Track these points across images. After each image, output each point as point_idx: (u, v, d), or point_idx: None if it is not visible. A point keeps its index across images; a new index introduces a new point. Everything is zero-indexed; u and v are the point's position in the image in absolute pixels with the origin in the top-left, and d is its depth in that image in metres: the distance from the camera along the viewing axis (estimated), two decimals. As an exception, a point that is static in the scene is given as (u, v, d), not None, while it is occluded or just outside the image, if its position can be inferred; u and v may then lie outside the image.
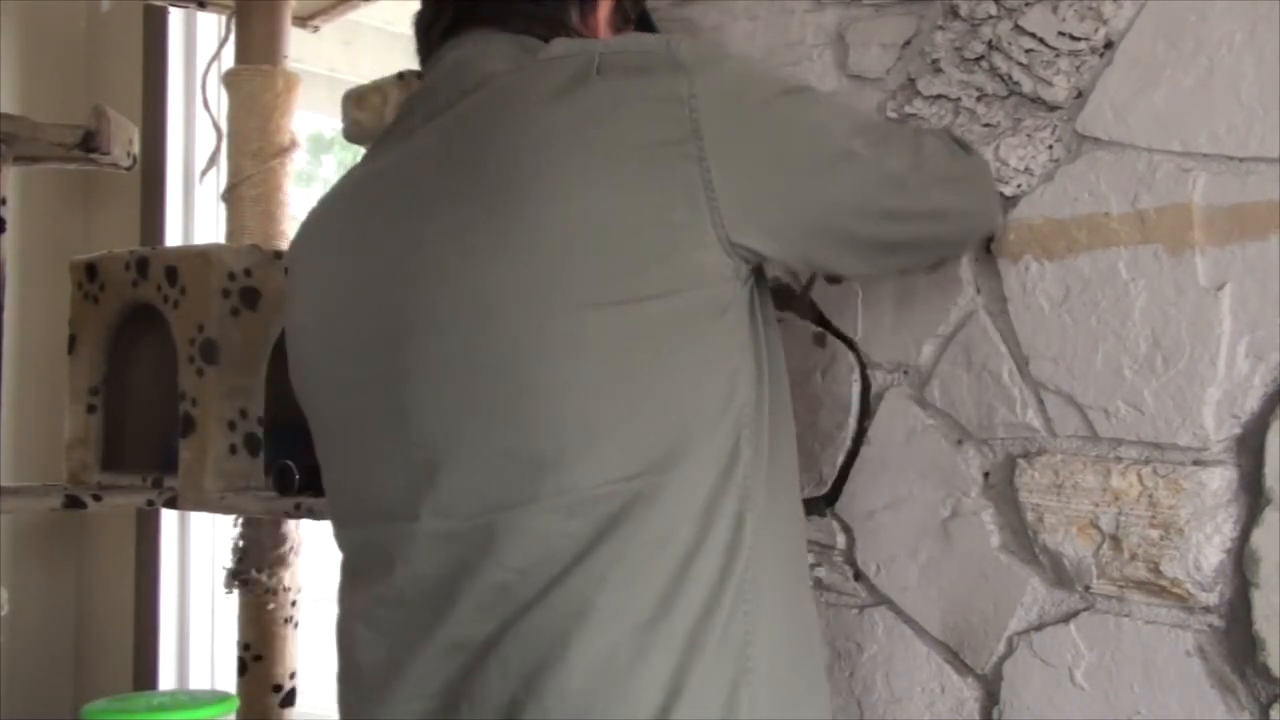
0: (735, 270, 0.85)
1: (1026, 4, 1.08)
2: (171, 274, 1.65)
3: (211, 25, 2.52)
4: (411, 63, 1.00)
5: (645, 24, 1.02)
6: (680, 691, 0.80)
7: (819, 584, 1.22)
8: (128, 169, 1.87)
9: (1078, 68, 1.05)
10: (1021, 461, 1.07)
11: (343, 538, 0.96)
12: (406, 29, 1.01)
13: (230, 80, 1.99)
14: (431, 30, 0.96)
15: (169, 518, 2.50)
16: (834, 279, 1.19)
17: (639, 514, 0.81)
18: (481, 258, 0.82)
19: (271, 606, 1.90)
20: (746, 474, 0.86)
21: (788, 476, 0.94)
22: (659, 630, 0.80)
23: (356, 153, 1.04)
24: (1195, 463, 0.98)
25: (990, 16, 1.10)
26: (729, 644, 0.83)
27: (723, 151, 0.82)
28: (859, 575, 1.19)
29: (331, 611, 0.96)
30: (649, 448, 0.82)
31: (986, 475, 1.11)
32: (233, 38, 2.02)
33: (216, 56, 2.18)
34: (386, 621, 0.89)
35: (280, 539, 1.90)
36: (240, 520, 1.89)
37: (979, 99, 1.11)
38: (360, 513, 0.92)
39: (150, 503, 1.68)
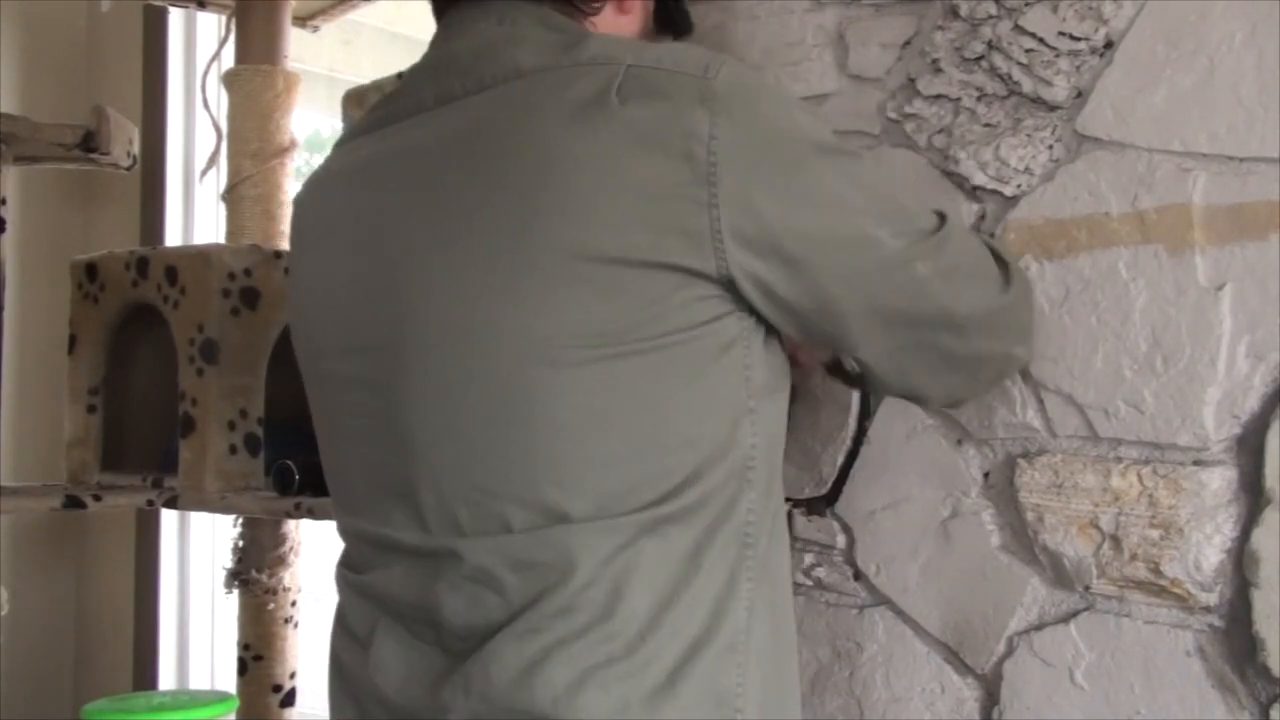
0: (736, 301, 0.82)
1: (1026, 4, 1.08)
2: (171, 274, 1.65)
3: (211, 25, 2.52)
4: (411, 62, 0.99)
5: (681, 11, 1.01)
6: None
7: (819, 584, 1.22)
8: (128, 169, 1.87)
9: (1078, 68, 1.05)
10: (1021, 461, 1.07)
11: (338, 519, 0.97)
12: (406, 29, 0.99)
13: (230, 80, 1.98)
14: None
15: (169, 518, 2.50)
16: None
17: (588, 563, 0.79)
18: (479, 289, 0.80)
19: (271, 606, 1.89)
20: (748, 521, 0.83)
21: (782, 516, 0.91)
22: (634, 664, 0.78)
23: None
24: (1195, 463, 0.98)
25: (990, 16, 1.10)
26: (709, 695, 0.80)
27: (737, 201, 0.78)
28: (859, 575, 1.19)
29: (331, 611, 0.97)
30: (629, 495, 0.79)
31: (986, 475, 1.11)
32: (233, 38, 2.02)
33: (216, 56, 2.18)
34: (367, 609, 0.90)
35: (280, 539, 1.90)
36: (240, 520, 1.89)
37: (979, 99, 1.11)
38: (354, 503, 0.93)
39: (150, 503, 1.68)
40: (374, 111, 0.94)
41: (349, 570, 0.94)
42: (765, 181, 0.79)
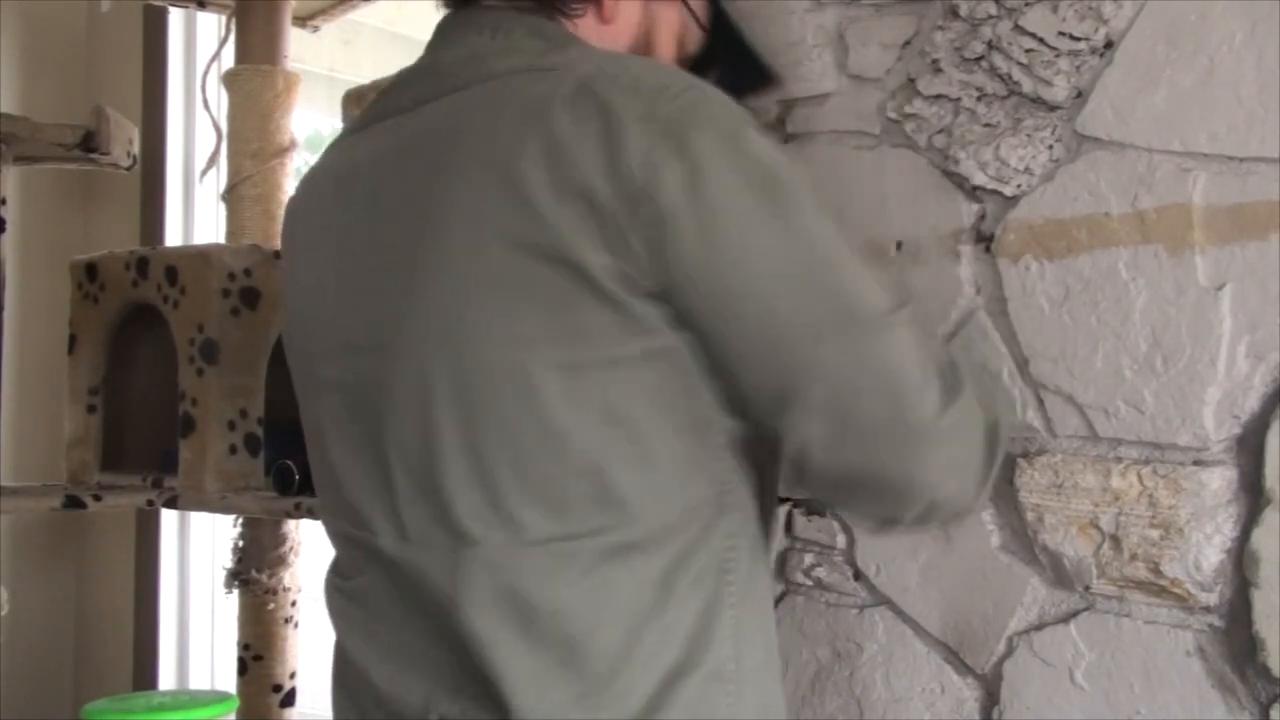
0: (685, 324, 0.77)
1: (1026, 4, 1.08)
2: (171, 274, 1.65)
3: (211, 25, 2.52)
4: (411, 62, 0.99)
5: (724, 27, 0.99)
6: None
7: (819, 584, 1.22)
8: (128, 169, 1.87)
9: (1078, 68, 1.05)
10: (1021, 461, 1.07)
11: (326, 523, 0.97)
12: (406, 29, 0.99)
13: (230, 80, 1.99)
14: None
15: (169, 518, 2.50)
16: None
17: (559, 579, 0.78)
18: (453, 293, 0.80)
19: (271, 606, 1.89)
20: (727, 547, 0.82)
21: (762, 536, 0.88)
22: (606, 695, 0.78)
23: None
24: (1195, 463, 0.98)
25: (990, 16, 1.10)
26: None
27: (665, 226, 0.74)
28: (859, 575, 1.19)
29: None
30: (588, 515, 0.78)
31: (986, 475, 1.11)
32: (233, 38, 2.02)
33: (216, 56, 2.18)
34: (359, 615, 0.90)
35: (280, 539, 1.90)
36: (240, 520, 1.89)
37: (979, 99, 1.11)
38: (343, 508, 0.93)
39: (150, 503, 1.68)
40: (364, 112, 0.95)
41: (338, 576, 0.94)
42: (691, 212, 0.74)
